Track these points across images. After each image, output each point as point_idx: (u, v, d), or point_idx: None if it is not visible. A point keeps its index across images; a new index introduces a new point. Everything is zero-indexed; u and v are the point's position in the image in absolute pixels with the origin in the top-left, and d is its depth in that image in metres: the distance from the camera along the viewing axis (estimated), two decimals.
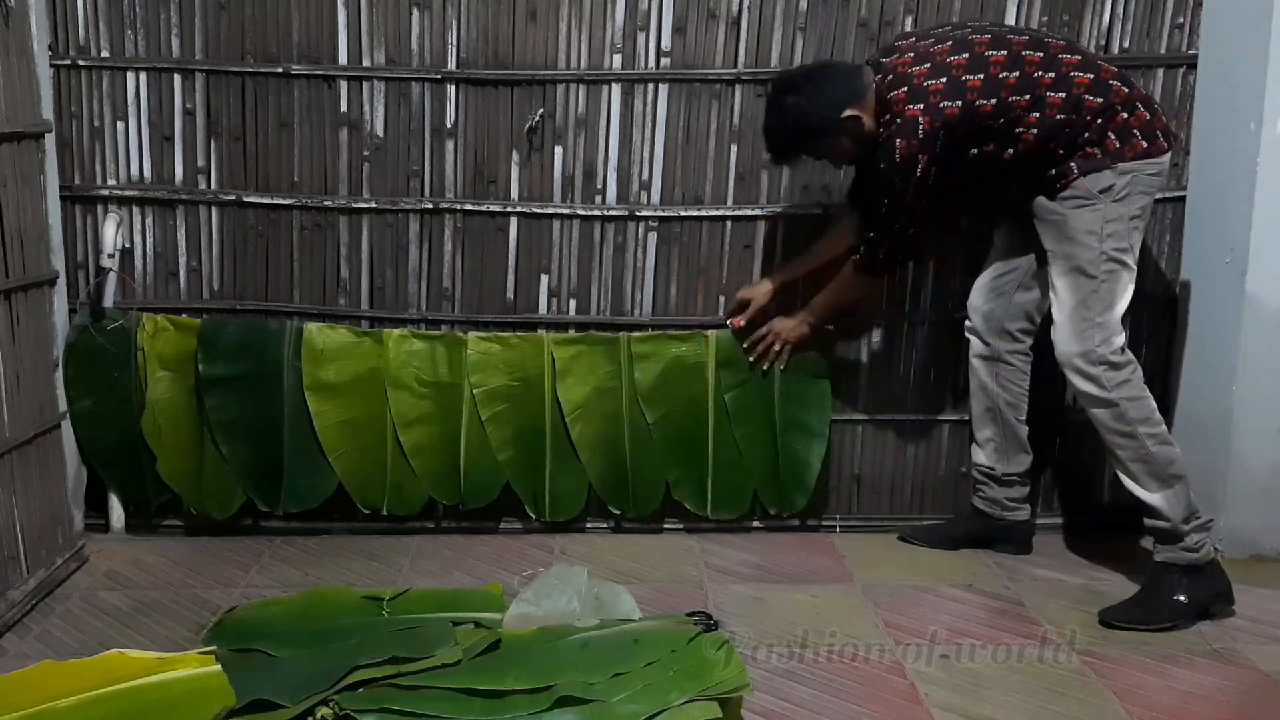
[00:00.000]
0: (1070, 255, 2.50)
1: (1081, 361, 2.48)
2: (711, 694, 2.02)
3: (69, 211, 2.84)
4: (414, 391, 2.89)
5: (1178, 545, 2.49)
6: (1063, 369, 2.53)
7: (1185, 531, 2.48)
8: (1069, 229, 2.49)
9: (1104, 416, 2.49)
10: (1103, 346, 2.46)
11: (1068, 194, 2.49)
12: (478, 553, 2.85)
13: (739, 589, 2.65)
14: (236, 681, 2.06)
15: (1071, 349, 2.49)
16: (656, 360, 2.92)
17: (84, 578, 2.67)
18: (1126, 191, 2.46)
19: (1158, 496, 2.48)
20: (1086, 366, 2.48)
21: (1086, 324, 2.48)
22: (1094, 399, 2.49)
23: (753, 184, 2.93)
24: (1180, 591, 2.49)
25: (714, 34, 2.86)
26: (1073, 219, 2.49)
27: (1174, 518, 2.47)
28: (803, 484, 2.96)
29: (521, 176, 2.91)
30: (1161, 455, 2.48)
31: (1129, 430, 2.47)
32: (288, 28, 2.83)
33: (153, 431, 2.85)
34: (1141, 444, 2.47)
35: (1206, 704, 2.17)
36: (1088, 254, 2.47)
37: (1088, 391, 2.49)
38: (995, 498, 2.86)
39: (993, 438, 2.83)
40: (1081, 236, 2.48)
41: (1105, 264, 2.47)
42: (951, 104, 2.45)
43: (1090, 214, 2.47)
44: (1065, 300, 2.51)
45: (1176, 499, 2.48)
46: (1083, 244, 2.48)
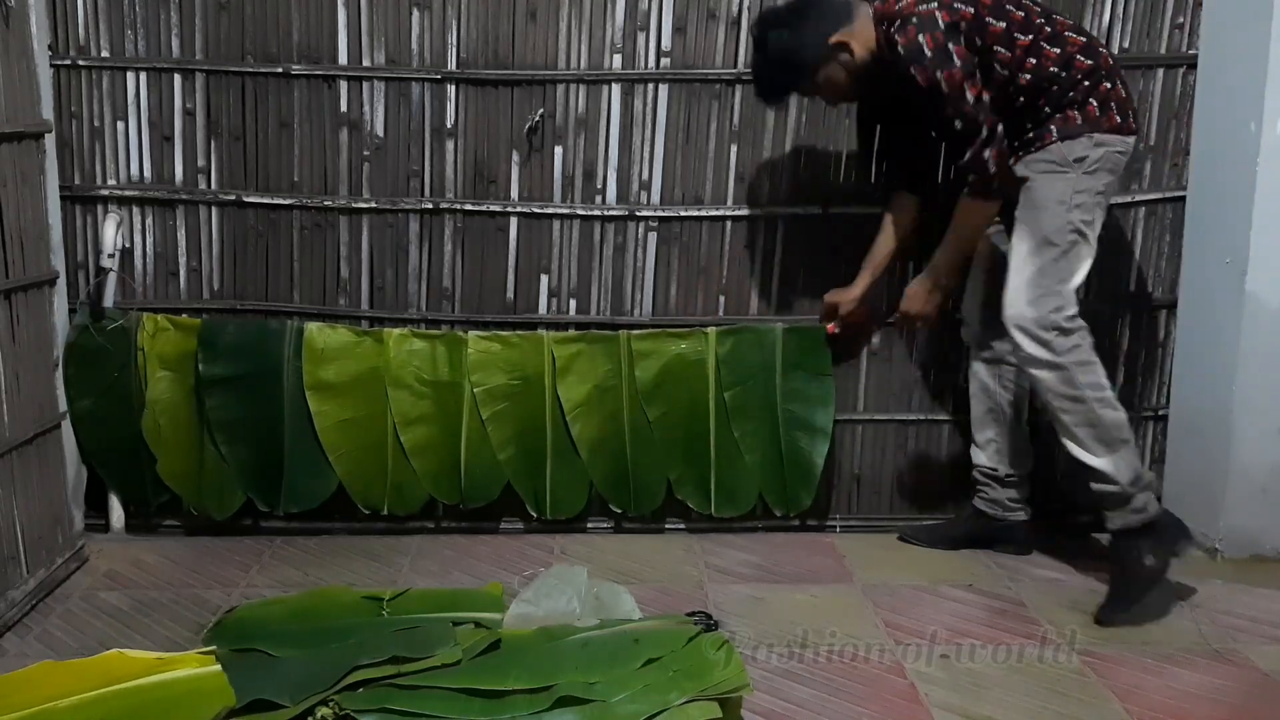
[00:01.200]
0: (1036, 221, 2.48)
1: (1034, 326, 2.46)
2: (711, 694, 2.01)
3: (69, 211, 2.84)
4: (414, 391, 2.89)
5: (1127, 508, 2.50)
6: (1009, 329, 2.50)
7: (1132, 494, 2.49)
8: (1037, 196, 2.48)
9: (1051, 380, 2.47)
10: (1056, 314, 2.45)
11: (1040, 157, 2.48)
12: (478, 553, 2.85)
13: (739, 589, 2.65)
14: (236, 681, 2.06)
15: (1026, 313, 2.47)
16: (657, 358, 2.92)
17: (84, 578, 2.67)
18: (1097, 166, 2.46)
19: (1105, 460, 2.48)
20: (1039, 331, 2.46)
21: (1044, 291, 2.46)
22: (1041, 362, 2.47)
23: (753, 184, 2.93)
24: (1145, 554, 2.50)
25: (714, 34, 2.86)
26: (1043, 186, 2.48)
27: (1121, 480, 2.48)
28: (807, 483, 2.96)
29: (521, 176, 2.91)
30: (1109, 419, 2.48)
31: (1077, 394, 2.46)
32: (288, 28, 2.83)
33: (153, 431, 2.85)
34: (1090, 408, 2.47)
35: (1206, 704, 2.17)
36: (1055, 222, 2.46)
37: (1035, 355, 2.47)
38: (997, 498, 2.85)
39: (994, 439, 2.82)
40: (1050, 204, 2.46)
41: (1070, 234, 2.46)
42: (964, 7, 2.41)
43: (1061, 182, 2.46)
44: (1025, 266, 2.49)
45: (1123, 462, 2.48)
46: (1051, 211, 2.46)
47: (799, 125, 2.90)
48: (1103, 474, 2.49)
